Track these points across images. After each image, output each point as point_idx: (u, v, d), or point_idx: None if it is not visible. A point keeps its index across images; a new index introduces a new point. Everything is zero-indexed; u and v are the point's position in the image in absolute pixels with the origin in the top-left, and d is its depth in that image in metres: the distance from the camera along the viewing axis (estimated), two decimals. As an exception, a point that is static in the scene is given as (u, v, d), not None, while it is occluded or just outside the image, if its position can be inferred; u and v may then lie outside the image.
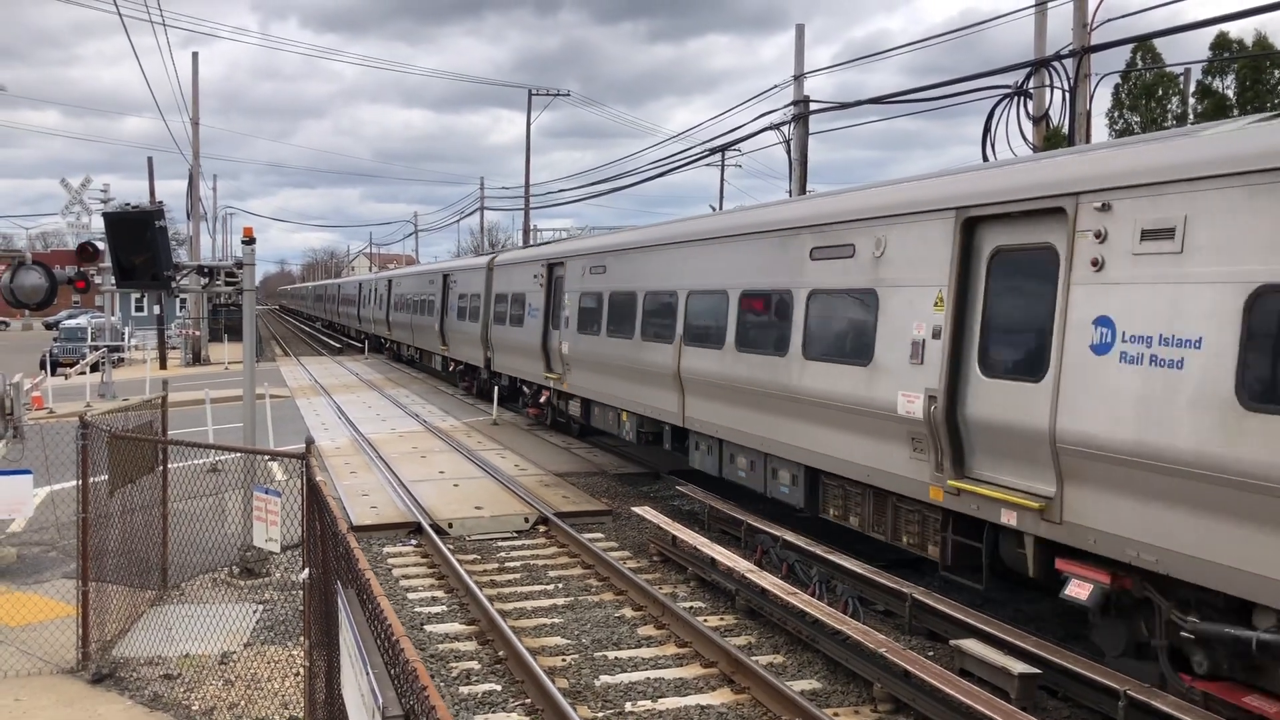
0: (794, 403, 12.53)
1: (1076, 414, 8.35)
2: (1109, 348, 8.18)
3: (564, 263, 22.22)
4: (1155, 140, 8.75)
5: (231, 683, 9.24)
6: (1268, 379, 7.00)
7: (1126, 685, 7.84)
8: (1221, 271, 7.35)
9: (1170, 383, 7.61)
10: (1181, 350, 7.58)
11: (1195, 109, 28.35)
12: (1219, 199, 7.42)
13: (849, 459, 11.50)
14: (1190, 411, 7.42)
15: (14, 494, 10.27)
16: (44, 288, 14.32)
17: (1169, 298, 7.70)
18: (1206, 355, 7.36)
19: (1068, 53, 18.28)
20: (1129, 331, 8.00)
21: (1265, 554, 6.97)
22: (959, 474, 9.78)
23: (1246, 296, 7.11)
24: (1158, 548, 7.74)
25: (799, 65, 26.32)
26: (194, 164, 47.98)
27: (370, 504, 16.43)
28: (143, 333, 55.11)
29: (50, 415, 25.42)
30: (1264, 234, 7.03)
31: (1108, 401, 8.09)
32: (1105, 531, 8.20)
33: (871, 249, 11.18)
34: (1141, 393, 7.82)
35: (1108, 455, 8.05)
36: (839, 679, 9.53)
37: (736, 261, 14.31)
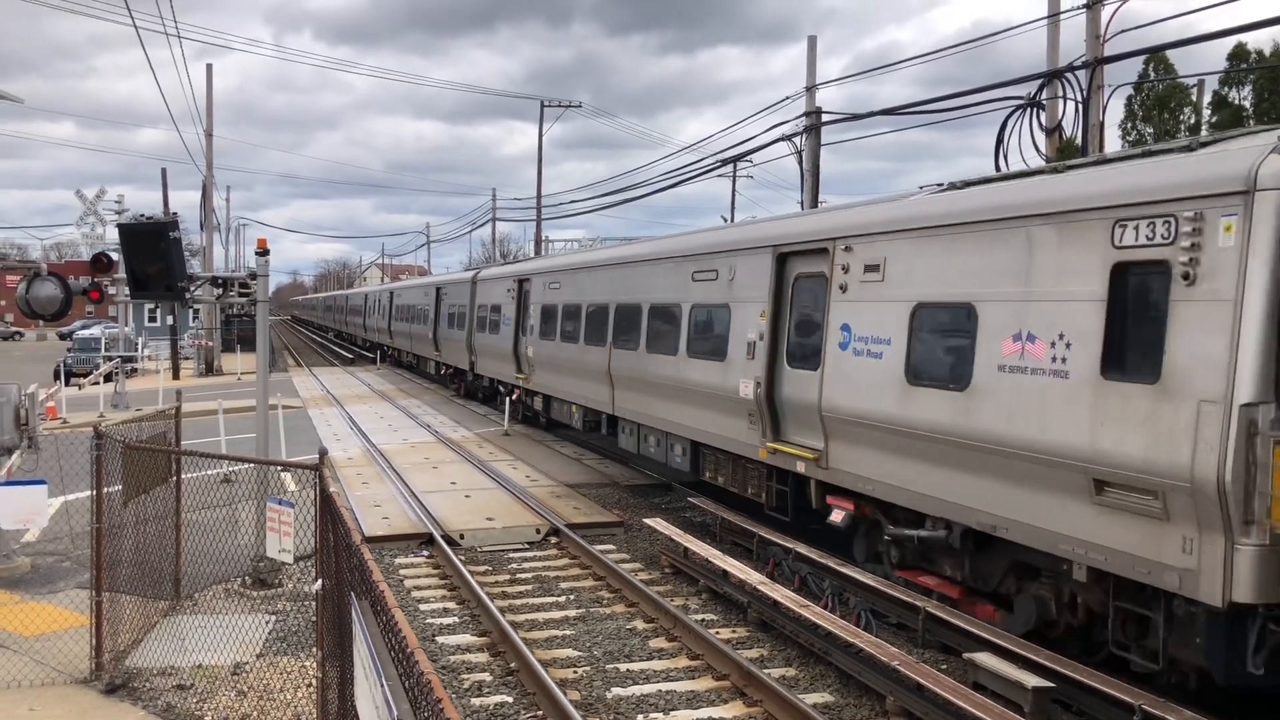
0: (681, 391, 16.25)
1: (831, 392, 11.98)
2: (848, 345, 11.82)
3: (530, 279, 25.95)
4: (876, 202, 12.58)
5: (244, 693, 9.25)
6: (920, 365, 10.62)
7: (1141, 700, 7.79)
8: (901, 293, 10.93)
9: (876, 367, 11.23)
10: (881, 346, 11.21)
11: (1210, 120, 28.27)
12: (901, 245, 11.09)
13: (715, 433, 15.22)
14: (886, 387, 11.00)
15: (28, 504, 10.31)
16: (59, 298, 14.40)
17: (876, 310, 11.35)
18: (893, 349, 10.98)
19: (1081, 64, 18.26)
20: (857, 334, 11.64)
21: (928, 480, 10.45)
22: (775, 438, 13.39)
23: (911, 309, 10.70)
24: (878, 482, 11.29)
25: (811, 76, 26.34)
26: (208, 175, 48.25)
27: (382, 515, 16.45)
28: (156, 343, 55.35)
29: (64, 425, 25.51)
30: (921, 269, 10.66)
31: (846, 382, 11.75)
32: (850, 472, 11.80)
33: (727, 274, 14.93)
34: (863, 375, 11.44)
35: (848, 419, 11.70)
36: (852, 692, 9.49)
37: (648, 281, 17.94)
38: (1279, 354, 7.34)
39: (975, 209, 10.17)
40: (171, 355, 48.86)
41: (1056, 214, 9.07)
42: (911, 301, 10.70)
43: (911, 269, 10.81)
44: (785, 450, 13.03)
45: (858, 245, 11.76)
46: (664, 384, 16.86)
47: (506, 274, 29.04)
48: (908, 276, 10.85)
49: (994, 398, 9.50)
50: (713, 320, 15.27)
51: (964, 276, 10.08)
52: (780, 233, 13.75)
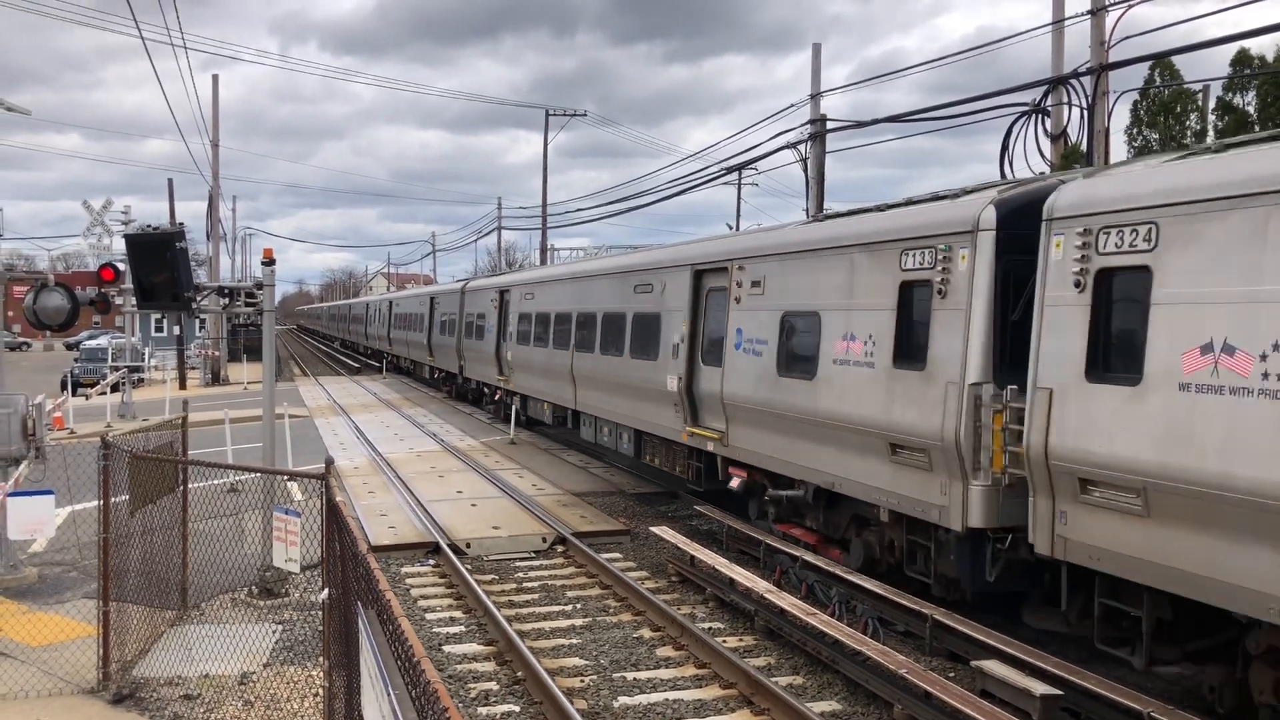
0: (626, 388, 19.15)
1: (730, 383, 14.81)
2: (740, 345, 14.61)
3: (510, 289, 28.81)
4: (765, 230, 16.73)
5: (251, 703, 9.25)
6: (787, 360, 13.39)
7: (1150, 707, 7.77)
8: (774, 304, 13.81)
9: (759, 363, 14.04)
10: (762, 346, 14.01)
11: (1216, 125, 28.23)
12: (774, 265, 13.97)
13: (651, 421, 18.06)
14: (765, 378, 13.84)
15: (36, 514, 10.33)
16: (66, 309, 14.45)
17: (758, 317, 14.19)
18: (769, 348, 13.81)
19: (1086, 70, 18.26)
20: (746, 336, 14.47)
21: (793, 450, 13.26)
22: (693, 424, 16.17)
23: (781, 316, 13.60)
24: (761, 454, 14.15)
25: (815, 84, 26.38)
26: (214, 185, 48.39)
27: (388, 524, 16.45)
28: (163, 353, 55.52)
29: (71, 436, 25.58)
30: (788, 285, 13.52)
31: (740, 375, 14.58)
32: (743, 448, 14.67)
33: (659, 287, 17.80)
34: (750, 369, 14.27)
35: (741, 405, 14.53)
36: (859, 700, 9.47)
37: (602, 293, 20.88)
38: (996, 348, 10.06)
39: (821, 238, 13.09)
40: (178, 365, 48.96)
41: (867, 244, 11.94)
42: (781, 310, 13.63)
43: (783, 284, 13.76)
44: (699, 433, 15.99)
45: (748, 265, 14.71)
46: (613, 381, 19.86)
47: (490, 285, 32.24)
48: (780, 290, 13.80)
49: (831, 384, 12.34)
50: (648, 326, 18.11)
51: (814, 291, 12.97)
52: (697, 253, 16.78)
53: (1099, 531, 8.65)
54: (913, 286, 11.06)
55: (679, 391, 16.38)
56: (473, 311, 33.24)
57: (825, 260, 12.76)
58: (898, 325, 11.20)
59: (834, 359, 12.24)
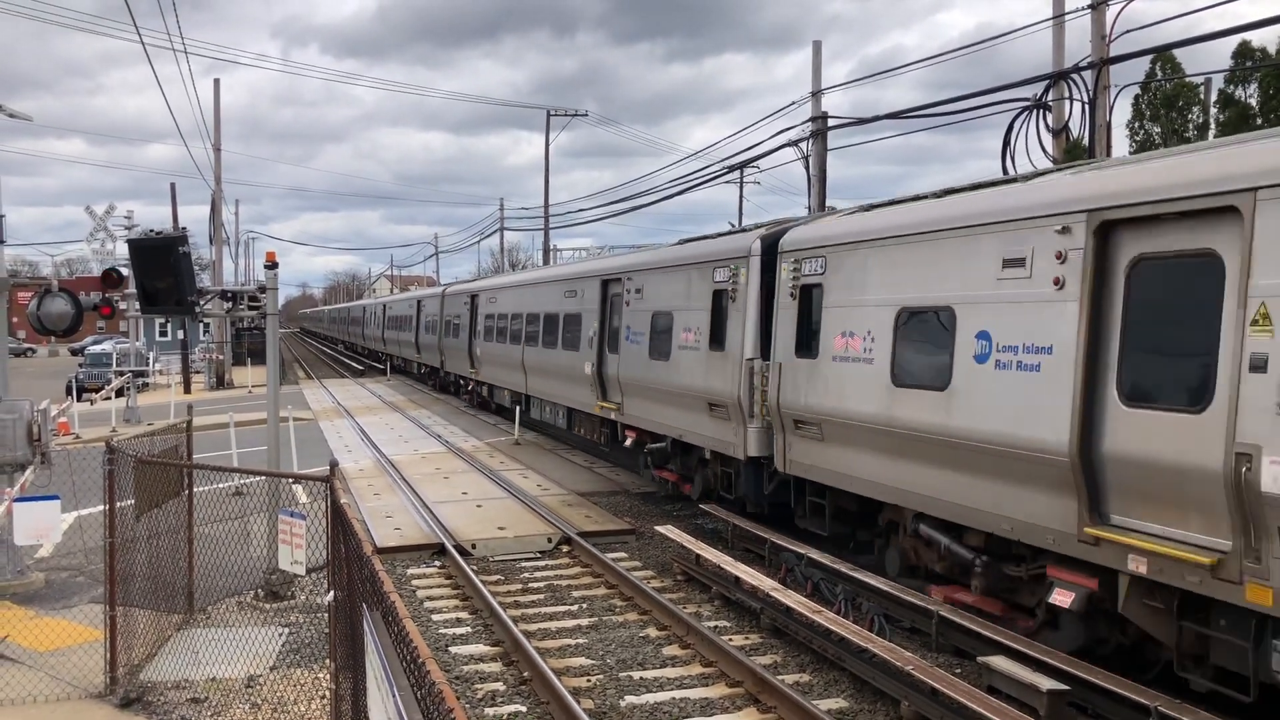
0: (559, 374, 23.83)
1: (622, 367, 19.32)
2: (629, 338, 19.19)
3: (479, 294, 33.68)
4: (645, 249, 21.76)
5: (258, 706, 9.26)
6: (655, 348, 17.77)
7: (1157, 701, 7.76)
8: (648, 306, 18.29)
9: (639, 350, 18.54)
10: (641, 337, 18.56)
11: (1217, 119, 28.19)
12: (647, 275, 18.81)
13: (576, 398, 22.78)
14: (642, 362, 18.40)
15: (42, 519, 10.34)
16: (70, 314, 14.45)
17: (639, 316, 18.79)
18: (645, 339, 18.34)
19: (1087, 64, 18.23)
20: (632, 330, 19.10)
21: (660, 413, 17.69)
22: (603, 399, 20.71)
23: (651, 315, 18.22)
24: (643, 418, 18.66)
25: (816, 81, 26.35)
26: (216, 189, 48.43)
27: (394, 526, 16.47)
28: (167, 357, 55.54)
29: (76, 441, 25.62)
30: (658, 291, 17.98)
31: (628, 360, 19.22)
32: (632, 414, 19.16)
33: (581, 293, 22.40)
34: (634, 355, 18.86)
35: (628, 382, 19.07)
36: (866, 697, 9.47)
37: (544, 298, 25.46)
38: (761, 336, 14.56)
39: (671, 257, 18.16)
40: (182, 369, 49.03)
41: (697, 263, 16.62)
42: (651, 310, 18.16)
43: (654, 291, 18.34)
44: (605, 405, 20.63)
45: (634, 276, 19.33)
46: (550, 369, 24.58)
47: (463, 290, 37.33)
48: (652, 296, 18.36)
49: (679, 365, 16.84)
50: (574, 325, 22.65)
51: (671, 295, 17.48)
52: (604, 267, 21.85)
53: (803, 453, 13.57)
54: (720, 294, 15.66)
55: (592, 374, 21.15)
56: (450, 313, 38.31)
57: (673, 273, 17.58)
58: (712, 321, 15.84)
59: (680, 346, 16.93)
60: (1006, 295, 9.80)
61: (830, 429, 12.67)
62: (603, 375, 20.63)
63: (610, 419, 20.59)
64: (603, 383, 20.67)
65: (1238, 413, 7.41)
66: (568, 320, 23.09)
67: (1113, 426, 8.58)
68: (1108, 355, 8.70)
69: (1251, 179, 7.51)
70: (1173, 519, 8.09)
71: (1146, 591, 8.48)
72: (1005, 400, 9.66)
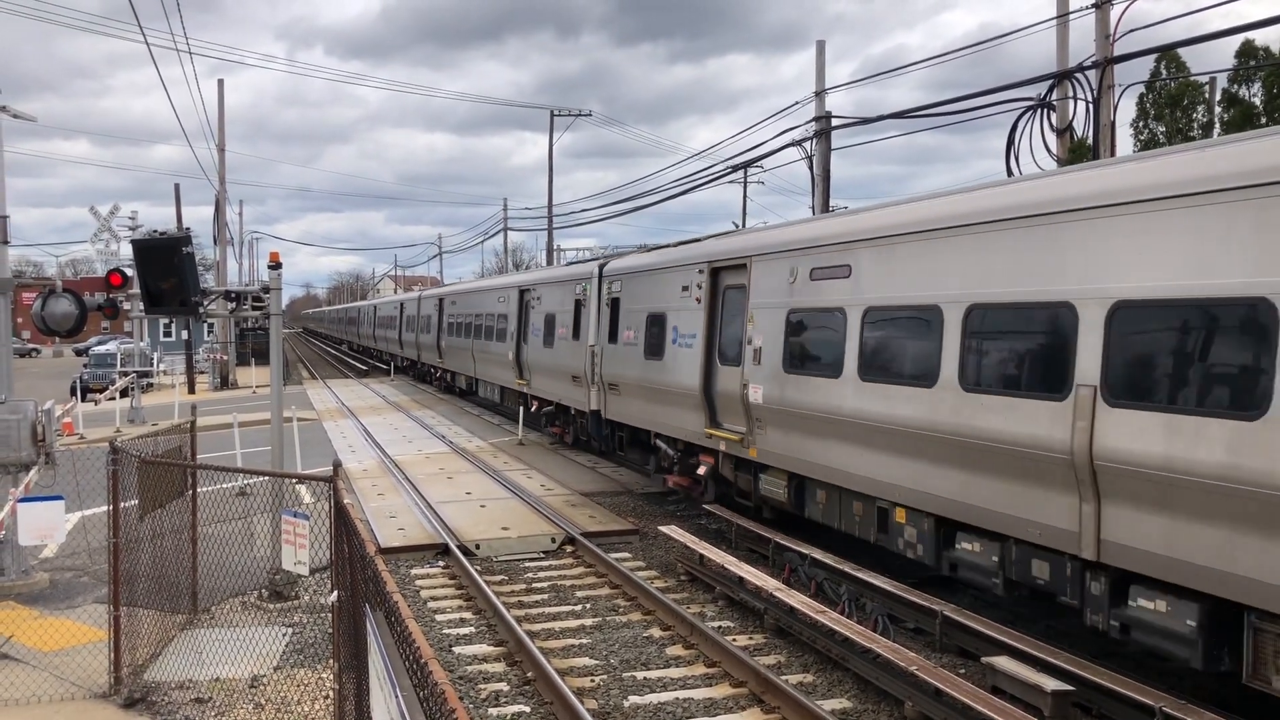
0: (495, 360, 30.62)
1: (530, 354, 27.05)
2: (532, 331, 26.12)
3: (444, 298, 41.61)
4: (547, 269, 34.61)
5: (262, 706, 9.27)
6: (545, 340, 24.96)
7: (1161, 701, 7.74)
8: (545, 309, 24.92)
9: (539, 341, 25.53)
10: (539, 331, 25.51)
11: (1222, 118, 28.10)
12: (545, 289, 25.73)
13: (505, 379, 29.48)
14: (540, 349, 25.45)
15: (46, 520, 10.36)
16: (74, 315, 14.47)
17: (541, 316, 25.56)
18: (542, 333, 25.02)
19: (1091, 64, 18.20)
20: (533, 327, 26.08)
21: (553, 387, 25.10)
22: (519, 378, 27.83)
23: (545, 315, 24.83)
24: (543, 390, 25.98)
25: (820, 81, 26.33)
26: (220, 190, 48.49)
27: (398, 526, 16.47)
28: (171, 358, 55.59)
29: (81, 441, 25.64)
30: (550, 297, 24.55)
31: (533, 349, 26.31)
32: (537, 387, 26.69)
33: (505, 299, 29.13)
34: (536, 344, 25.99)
35: (533, 364, 26.63)
36: (870, 698, 9.46)
37: (484, 303, 32.55)
38: (611, 328, 20.00)
39: (555, 275, 25.37)
40: (187, 369, 49.07)
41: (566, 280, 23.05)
42: (544, 312, 24.88)
43: (546, 298, 25.26)
44: (520, 382, 27.80)
45: (537, 287, 26.52)
46: (489, 357, 31.75)
47: (432, 294, 46.66)
48: (546, 301, 25.15)
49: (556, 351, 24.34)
50: (502, 322, 29.87)
51: (554, 302, 24.57)
52: (519, 281, 29.44)
53: (615, 406, 19.94)
54: (579, 302, 22.23)
55: (513, 359, 28.24)
56: (425, 314, 45.89)
57: (555, 287, 24.56)
58: (574, 320, 22.48)
59: (559, 338, 23.68)
60: (683, 305, 16.72)
61: (622, 388, 19.66)
62: (519, 361, 27.83)
63: (525, 392, 27.67)
64: (520, 366, 27.89)
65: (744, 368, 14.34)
66: (499, 319, 30.34)
67: (716, 376, 15.55)
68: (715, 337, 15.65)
69: (749, 251, 14.83)
70: (733, 421, 14.98)
71: (731, 459, 15.31)
72: (684, 364, 16.42)
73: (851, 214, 13.54)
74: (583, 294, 21.88)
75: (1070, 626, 10.99)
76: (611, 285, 20.26)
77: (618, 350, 19.55)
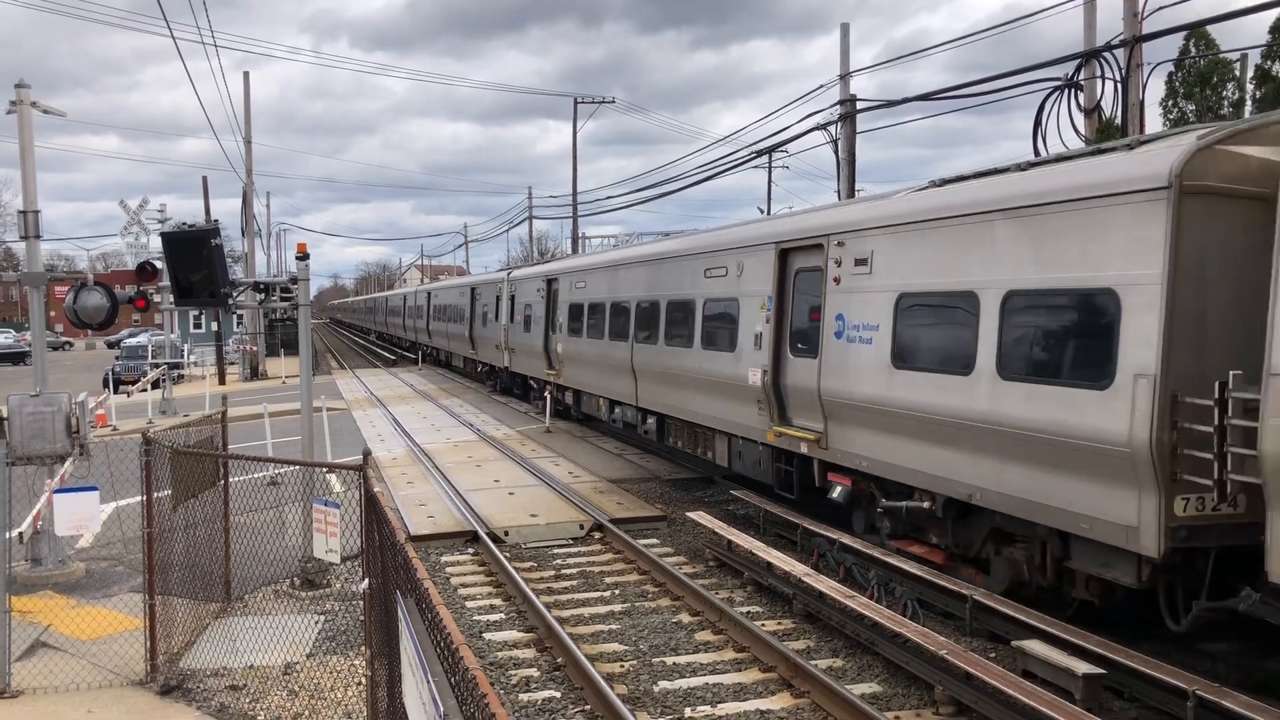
0: (459, 337, 43.03)
1: (475, 333, 39.89)
2: (505, 317, 32.56)
3: (432, 292, 52.63)
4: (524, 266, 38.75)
5: (295, 693, 9.37)
6: (524, 325, 30.07)
7: (1195, 685, 7.69)
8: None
9: (511, 327, 31.75)
10: (498, 324, 33.99)
11: (1254, 95, 27.74)
12: (524, 284, 30.69)
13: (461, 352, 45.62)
14: (515, 334, 31.28)
15: (81, 510, 10.48)
16: (105, 308, 14.62)
17: (506, 308, 32.29)
18: (518, 322, 31.01)
19: (1119, 42, 18.00)
20: (504, 313, 32.97)
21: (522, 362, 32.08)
22: (472, 351, 41.45)
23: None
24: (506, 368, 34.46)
25: (845, 64, 26.18)
26: (247, 182, 48.78)
27: (427, 514, 16.57)
28: (202, 349, 56.06)
29: (114, 433, 25.92)
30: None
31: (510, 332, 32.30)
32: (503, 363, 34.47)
33: (462, 293, 42.71)
34: (511, 329, 32.05)
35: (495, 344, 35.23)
36: (899, 682, 9.45)
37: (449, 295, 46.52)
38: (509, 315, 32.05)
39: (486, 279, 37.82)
40: (217, 361, 49.49)
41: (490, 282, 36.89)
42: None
43: (486, 295, 36.54)
44: (474, 357, 39.83)
45: (519, 282, 31.18)
46: (455, 336, 43.52)
47: (423, 290, 58.68)
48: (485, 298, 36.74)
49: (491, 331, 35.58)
50: (455, 310, 43.18)
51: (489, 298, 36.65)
52: (470, 282, 41.74)
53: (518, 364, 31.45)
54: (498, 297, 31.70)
55: (467, 336, 40.25)
56: (417, 305, 58.32)
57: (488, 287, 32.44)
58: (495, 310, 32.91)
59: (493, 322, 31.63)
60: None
61: (518, 352, 29.23)
62: (472, 338, 39.69)
63: (495, 366, 36.25)
64: (473, 342, 39.84)
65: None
66: (461, 308, 42.19)
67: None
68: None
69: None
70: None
71: None
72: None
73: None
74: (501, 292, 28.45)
75: (1100, 611, 10.94)
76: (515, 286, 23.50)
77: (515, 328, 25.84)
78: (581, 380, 24.62)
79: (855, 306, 12.48)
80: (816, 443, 13.44)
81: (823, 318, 13.15)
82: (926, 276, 11.28)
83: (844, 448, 12.85)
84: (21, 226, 13.77)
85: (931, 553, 11.85)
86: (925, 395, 11.04)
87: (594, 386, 23.73)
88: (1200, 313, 8.28)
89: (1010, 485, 9.96)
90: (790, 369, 14.09)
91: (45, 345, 14.46)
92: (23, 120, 13.79)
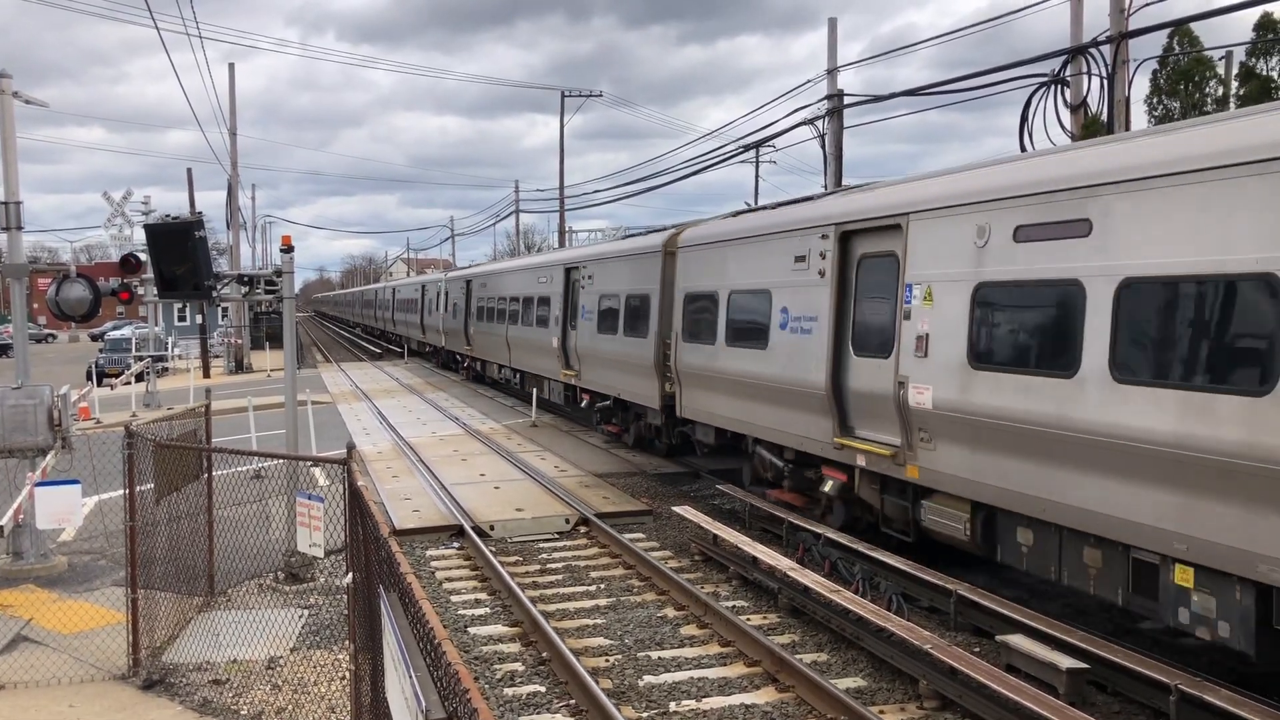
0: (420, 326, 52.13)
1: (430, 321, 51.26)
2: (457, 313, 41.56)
3: (395, 289, 64.37)
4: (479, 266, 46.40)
5: (279, 687, 9.33)
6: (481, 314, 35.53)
7: (1177, 679, 7.73)
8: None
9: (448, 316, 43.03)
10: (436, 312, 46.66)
11: (1238, 92, 27.87)
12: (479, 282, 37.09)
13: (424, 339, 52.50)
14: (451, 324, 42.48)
15: (63, 503, 10.42)
16: (89, 300, 14.53)
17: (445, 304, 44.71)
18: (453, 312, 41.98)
19: (1105, 39, 18.05)
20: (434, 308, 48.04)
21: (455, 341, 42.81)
22: (422, 336, 54.58)
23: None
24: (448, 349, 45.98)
25: (832, 59, 26.20)
26: (232, 174, 48.54)
27: (412, 507, 16.53)
28: (186, 342, 55.83)
29: (97, 425, 25.79)
30: (493, 286, 35.12)
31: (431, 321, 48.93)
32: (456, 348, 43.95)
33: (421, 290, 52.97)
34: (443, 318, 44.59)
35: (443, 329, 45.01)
36: (884, 676, 9.47)
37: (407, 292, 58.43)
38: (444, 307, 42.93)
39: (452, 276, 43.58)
40: (201, 354, 49.28)
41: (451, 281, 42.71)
42: (451, 299, 42.51)
43: (454, 291, 41.11)
44: (423, 340, 51.66)
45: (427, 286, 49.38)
46: (410, 324, 54.35)
47: (388, 286, 71.06)
48: (453, 293, 40.98)
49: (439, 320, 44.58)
50: (414, 305, 53.35)
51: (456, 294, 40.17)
52: (420, 281, 54.68)
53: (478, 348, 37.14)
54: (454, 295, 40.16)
55: (420, 324, 49.72)
56: (385, 299, 68.68)
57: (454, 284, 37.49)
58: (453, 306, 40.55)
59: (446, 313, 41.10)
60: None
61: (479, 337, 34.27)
62: (423, 327, 48.38)
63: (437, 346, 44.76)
64: (423, 329, 48.64)
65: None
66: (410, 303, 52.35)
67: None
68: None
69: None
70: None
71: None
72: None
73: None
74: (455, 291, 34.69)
75: (1084, 605, 10.98)
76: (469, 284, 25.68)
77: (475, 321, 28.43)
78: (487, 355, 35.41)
79: None
80: (467, 350, 26.03)
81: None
82: None
83: None
84: (3, 217, 13.66)
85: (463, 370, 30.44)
86: None
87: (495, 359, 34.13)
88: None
89: None
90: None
91: (27, 337, 14.36)
92: (4, 110, 13.67)
